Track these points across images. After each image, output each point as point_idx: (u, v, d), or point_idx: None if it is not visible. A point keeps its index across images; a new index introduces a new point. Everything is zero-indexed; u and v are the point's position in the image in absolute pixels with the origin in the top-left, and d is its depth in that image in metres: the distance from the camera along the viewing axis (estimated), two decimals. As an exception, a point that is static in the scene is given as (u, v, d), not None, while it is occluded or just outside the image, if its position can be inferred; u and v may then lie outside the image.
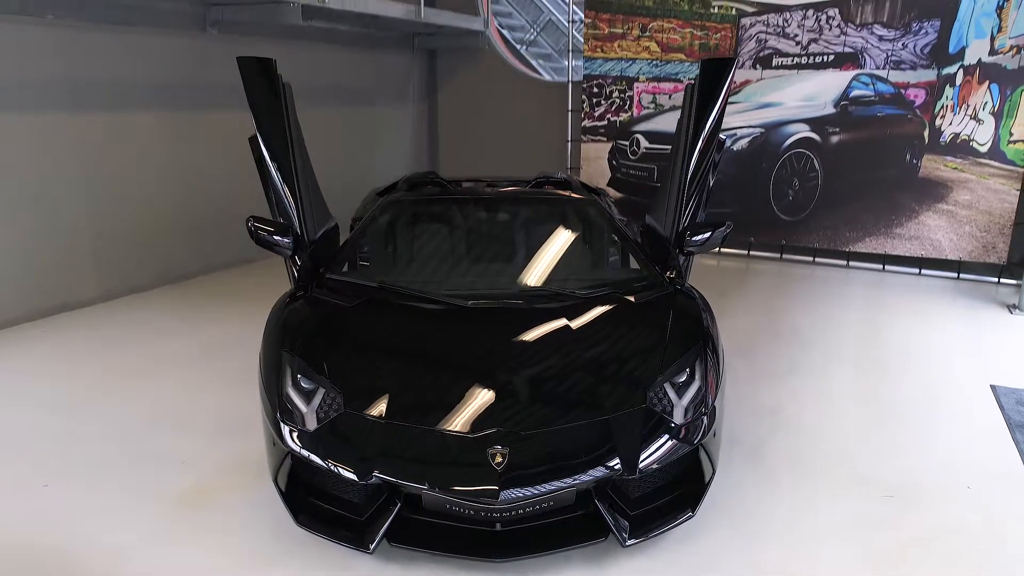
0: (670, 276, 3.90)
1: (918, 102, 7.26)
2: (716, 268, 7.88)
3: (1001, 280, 7.20)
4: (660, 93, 8.43)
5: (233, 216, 5.83)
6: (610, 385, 3.10)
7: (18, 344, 5.31)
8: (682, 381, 3.15)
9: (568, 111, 9.03)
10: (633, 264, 4.18)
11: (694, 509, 2.99)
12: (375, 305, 3.59)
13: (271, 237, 3.79)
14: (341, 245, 4.29)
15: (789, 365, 5.06)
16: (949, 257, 7.35)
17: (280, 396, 3.07)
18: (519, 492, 2.71)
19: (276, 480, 3.07)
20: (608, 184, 8.67)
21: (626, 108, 8.64)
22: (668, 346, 3.28)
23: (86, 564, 2.95)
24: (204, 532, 3.15)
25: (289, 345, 3.27)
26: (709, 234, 3.94)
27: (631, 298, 3.65)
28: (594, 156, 8.91)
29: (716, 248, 4.05)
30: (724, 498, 3.37)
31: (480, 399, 2.98)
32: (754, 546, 3.07)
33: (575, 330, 3.36)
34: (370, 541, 2.81)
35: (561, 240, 4.26)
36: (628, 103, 8.61)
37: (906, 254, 7.55)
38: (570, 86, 8.99)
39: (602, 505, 2.86)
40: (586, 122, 8.89)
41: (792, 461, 3.76)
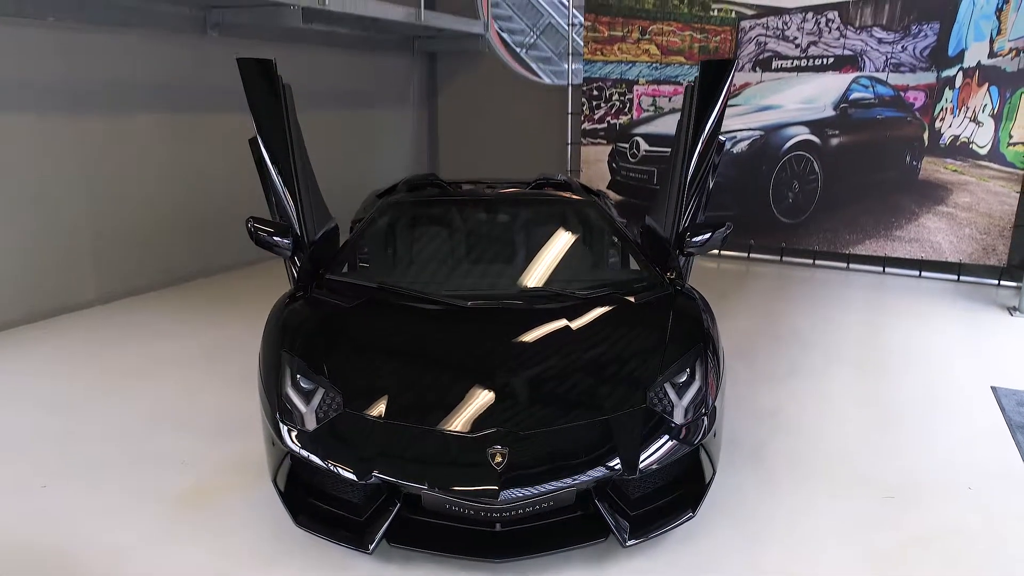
0: (670, 277, 3.90)
1: (918, 104, 7.27)
2: (716, 271, 7.88)
3: (1001, 282, 7.20)
4: (660, 96, 8.44)
5: (233, 217, 5.83)
6: (610, 385, 3.09)
7: (18, 345, 5.31)
8: (682, 381, 3.15)
9: (568, 114, 9.04)
10: (633, 265, 4.18)
11: (694, 510, 2.99)
12: (375, 305, 3.59)
13: (271, 238, 3.79)
14: (341, 246, 4.29)
15: (789, 367, 5.05)
16: (949, 259, 7.35)
17: (279, 396, 3.07)
18: (519, 492, 2.71)
19: (275, 480, 3.06)
20: (608, 187, 8.67)
21: (626, 111, 8.65)
22: (668, 346, 3.27)
23: (86, 564, 2.94)
24: (204, 532, 3.15)
25: (289, 345, 3.27)
26: (709, 235, 3.93)
27: (631, 299, 3.65)
28: (594, 159, 8.92)
29: (716, 250, 4.05)
30: (724, 499, 3.37)
31: (480, 399, 2.98)
32: (754, 547, 3.06)
33: (575, 330, 3.36)
34: (369, 541, 2.80)
35: (561, 241, 4.26)
36: (628, 106, 8.62)
37: (906, 256, 7.55)
38: (570, 89, 9.00)
39: (602, 505, 2.85)
40: (586, 125, 8.90)
41: (792, 462, 3.76)
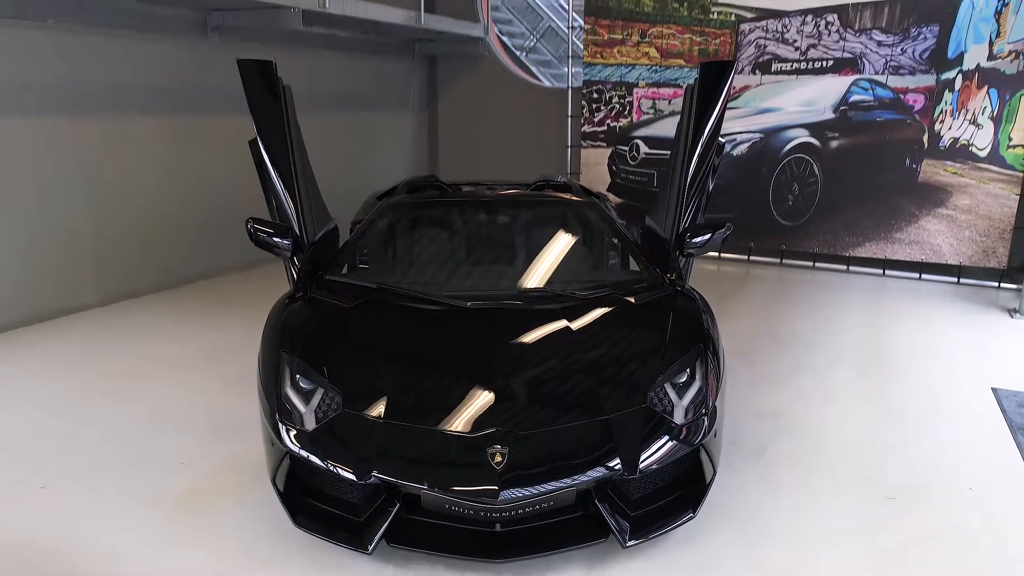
0: (670, 278, 3.90)
1: (917, 107, 7.27)
2: (716, 273, 7.87)
3: (1001, 285, 7.20)
4: (660, 98, 8.45)
5: (233, 219, 5.82)
6: (610, 385, 3.08)
7: (17, 347, 5.30)
8: (682, 382, 3.14)
9: (568, 117, 9.04)
10: (633, 266, 4.18)
11: (695, 510, 2.98)
12: (374, 306, 3.59)
13: (270, 238, 3.78)
14: (341, 247, 4.29)
15: (790, 368, 5.05)
16: (949, 262, 7.35)
17: (279, 396, 3.06)
18: (519, 492, 2.70)
19: (274, 481, 3.05)
20: (608, 189, 8.67)
21: (626, 113, 8.65)
22: (668, 347, 3.27)
23: (84, 565, 2.93)
24: (202, 533, 3.13)
25: (288, 345, 3.26)
26: (709, 236, 3.93)
27: (631, 299, 3.65)
28: (594, 162, 8.92)
29: (716, 251, 4.05)
30: (725, 499, 3.36)
31: (480, 399, 2.97)
32: (756, 547, 3.05)
33: (575, 331, 3.35)
34: (369, 542, 2.79)
35: (561, 242, 4.26)
36: (628, 108, 8.63)
37: (906, 259, 7.55)
38: (570, 92, 9.01)
39: (602, 506, 2.84)
40: (586, 128, 8.90)
41: (793, 463, 3.75)
